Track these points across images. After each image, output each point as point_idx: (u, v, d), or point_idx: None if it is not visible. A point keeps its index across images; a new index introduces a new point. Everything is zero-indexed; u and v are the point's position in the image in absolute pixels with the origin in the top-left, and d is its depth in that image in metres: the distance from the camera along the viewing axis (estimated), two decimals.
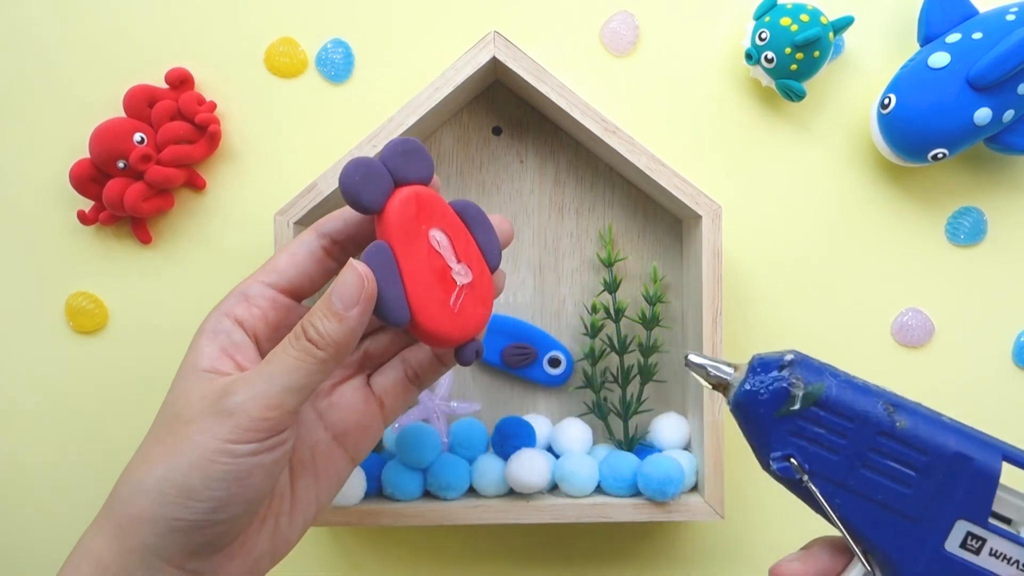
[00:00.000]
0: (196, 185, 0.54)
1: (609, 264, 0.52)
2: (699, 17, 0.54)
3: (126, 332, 0.55)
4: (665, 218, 0.53)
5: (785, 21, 0.50)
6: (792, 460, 0.30)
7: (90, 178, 0.52)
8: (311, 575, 0.56)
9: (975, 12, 0.51)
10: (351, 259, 0.34)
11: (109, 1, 0.54)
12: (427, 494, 0.50)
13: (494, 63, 0.47)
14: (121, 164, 0.52)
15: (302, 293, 0.38)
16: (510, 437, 0.51)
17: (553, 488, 0.50)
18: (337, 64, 0.54)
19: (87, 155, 0.52)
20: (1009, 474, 0.30)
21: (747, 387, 0.31)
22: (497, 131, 0.54)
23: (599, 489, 0.50)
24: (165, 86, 0.53)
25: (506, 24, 0.54)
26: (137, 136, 0.52)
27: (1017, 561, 0.29)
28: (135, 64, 0.54)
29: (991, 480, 0.29)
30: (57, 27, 0.54)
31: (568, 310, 0.54)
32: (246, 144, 0.55)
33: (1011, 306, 0.55)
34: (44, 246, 0.55)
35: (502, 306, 0.54)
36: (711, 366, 0.32)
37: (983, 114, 0.48)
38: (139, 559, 0.33)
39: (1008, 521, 0.30)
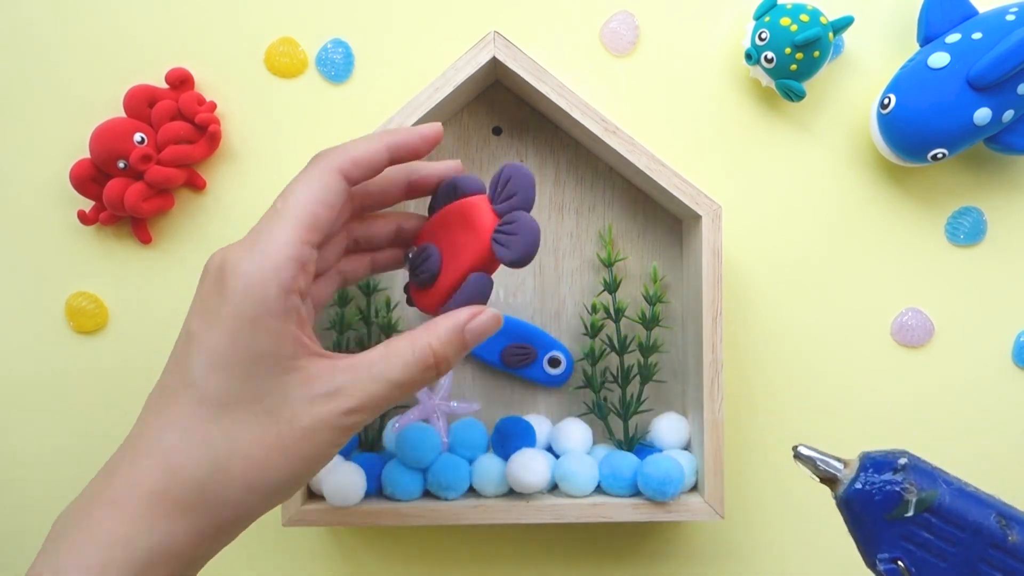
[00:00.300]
0: (196, 185, 0.54)
1: (609, 264, 0.52)
2: (699, 17, 0.54)
3: (126, 332, 0.55)
4: (665, 218, 0.53)
5: (785, 21, 0.50)
6: (900, 563, 0.31)
7: (90, 178, 0.52)
8: (311, 575, 0.56)
9: (975, 12, 0.51)
10: (489, 308, 0.37)
11: (109, 1, 0.54)
12: (427, 494, 0.50)
13: (494, 63, 0.47)
14: (121, 164, 0.52)
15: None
16: (510, 437, 0.51)
17: (553, 488, 0.50)
18: (337, 64, 0.54)
19: (87, 155, 0.53)
20: None
21: (858, 486, 0.31)
22: (497, 131, 0.54)
23: (599, 489, 0.50)
24: (165, 86, 0.53)
25: (506, 24, 0.54)
26: (137, 136, 0.52)
27: None
28: (135, 64, 0.54)
29: None
30: (57, 27, 0.54)
31: (568, 310, 0.54)
32: (246, 144, 0.55)
33: (1011, 306, 0.55)
34: (44, 246, 0.55)
35: (502, 306, 0.54)
36: (820, 460, 0.33)
37: (983, 114, 0.48)
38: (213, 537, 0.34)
39: None
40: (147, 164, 0.52)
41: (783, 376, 0.55)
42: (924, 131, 0.49)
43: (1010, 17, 0.49)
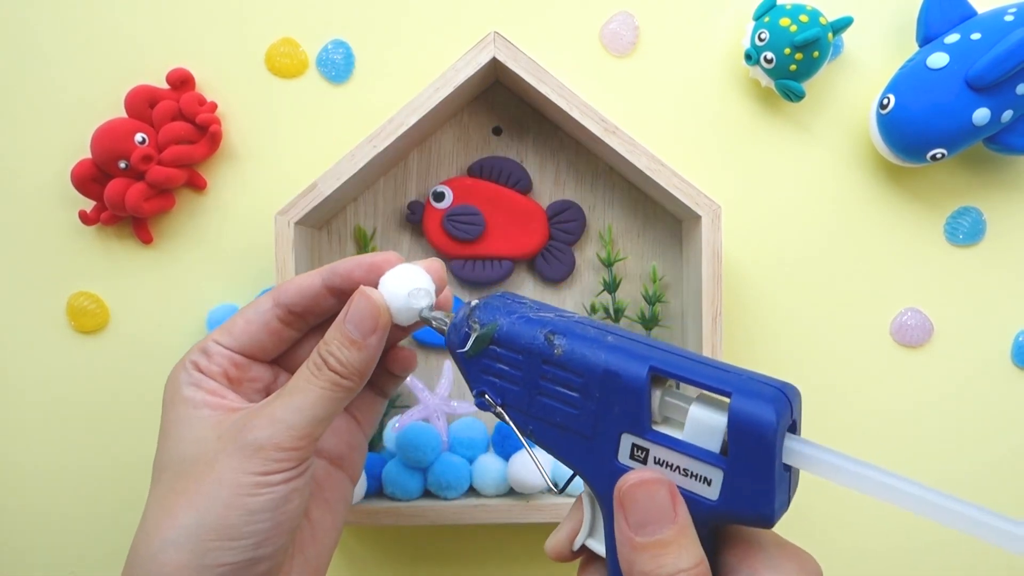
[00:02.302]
0: (197, 185, 0.54)
1: (609, 264, 0.52)
2: (699, 18, 0.54)
3: (127, 332, 0.55)
4: (665, 218, 0.54)
5: (784, 22, 0.50)
6: (486, 396, 0.33)
7: (91, 178, 0.52)
8: None
9: (974, 13, 0.51)
10: (363, 287, 0.35)
11: (110, 1, 0.54)
12: (427, 494, 0.50)
13: (494, 63, 0.47)
14: (122, 164, 0.52)
15: (256, 358, 0.38)
16: (510, 437, 0.51)
17: None
18: (337, 64, 0.54)
19: (88, 155, 0.53)
20: None
21: (449, 335, 0.34)
22: (497, 131, 0.54)
23: None
24: (166, 86, 0.53)
25: (506, 24, 0.54)
26: (138, 136, 0.52)
27: (679, 467, 0.29)
28: (136, 64, 0.54)
29: (639, 393, 0.30)
30: (58, 27, 0.54)
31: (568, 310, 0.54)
32: (247, 144, 0.55)
33: (1010, 306, 0.55)
34: (45, 246, 0.55)
35: None
36: (434, 318, 0.35)
37: (982, 114, 0.48)
38: None
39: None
40: (148, 164, 0.52)
41: (783, 376, 0.55)
42: (923, 131, 0.49)
43: (1009, 18, 0.49)
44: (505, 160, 0.53)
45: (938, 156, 0.50)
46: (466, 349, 0.33)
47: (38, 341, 0.55)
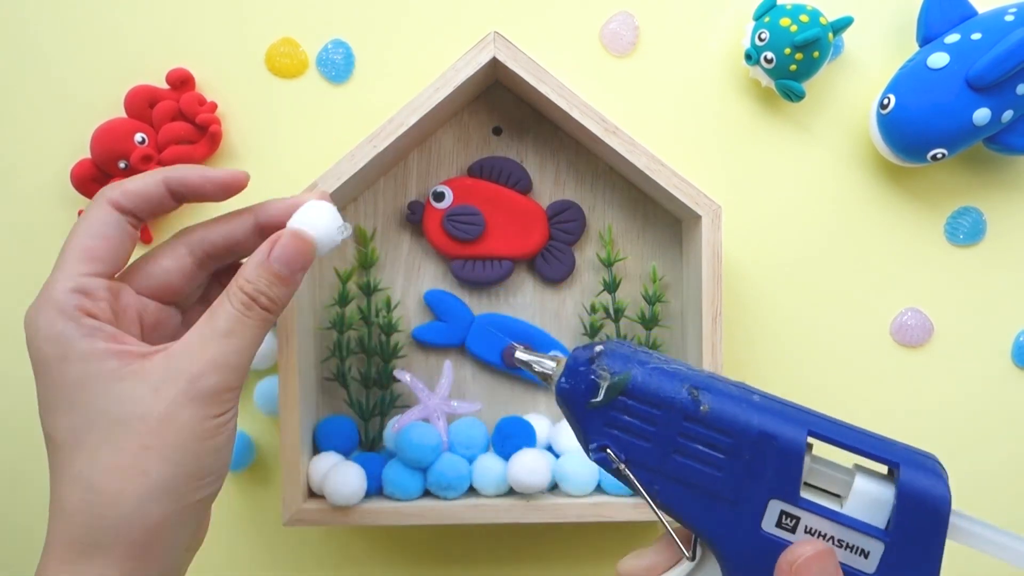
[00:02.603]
0: None
1: (609, 264, 0.52)
2: (699, 18, 0.54)
3: None
4: (665, 218, 0.53)
5: (784, 22, 0.50)
6: (608, 451, 0.31)
7: (91, 178, 0.52)
8: (311, 575, 0.56)
9: (974, 12, 0.51)
10: (294, 227, 0.37)
11: (110, 1, 0.54)
12: (427, 494, 0.50)
13: (494, 63, 0.47)
14: (122, 164, 0.52)
15: (166, 301, 0.39)
16: (510, 437, 0.51)
17: (553, 488, 0.50)
18: (337, 64, 0.54)
19: (88, 155, 0.53)
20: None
21: (563, 381, 0.31)
22: (497, 131, 0.54)
23: (599, 489, 0.50)
24: (166, 86, 0.53)
25: (506, 24, 0.54)
26: (138, 136, 0.52)
27: (832, 537, 0.28)
28: (136, 64, 0.54)
29: (796, 457, 0.29)
30: (58, 27, 0.54)
31: (568, 310, 0.54)
32: (247, 144, 0.55)
33: (1010, 306, 0.55)
34: (45, 246, 0.55)
35: (503, 306, 0.54)
36: (535, 362, 0.33)
37: (982, 114, 0.48)
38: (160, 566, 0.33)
39: (838, 496, 0.30)
40: (148, 164, 0.52)
41: (782, 376, 0.55)
42: (923, 131, 0.49)
43: (1009, 17, 0.49)
44: (505, 160, 0.53)
45: (938, 156, 0.50)
46: (598, 399, 0.30)
47: None
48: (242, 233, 0.39)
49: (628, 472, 0.30)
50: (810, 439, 0.29)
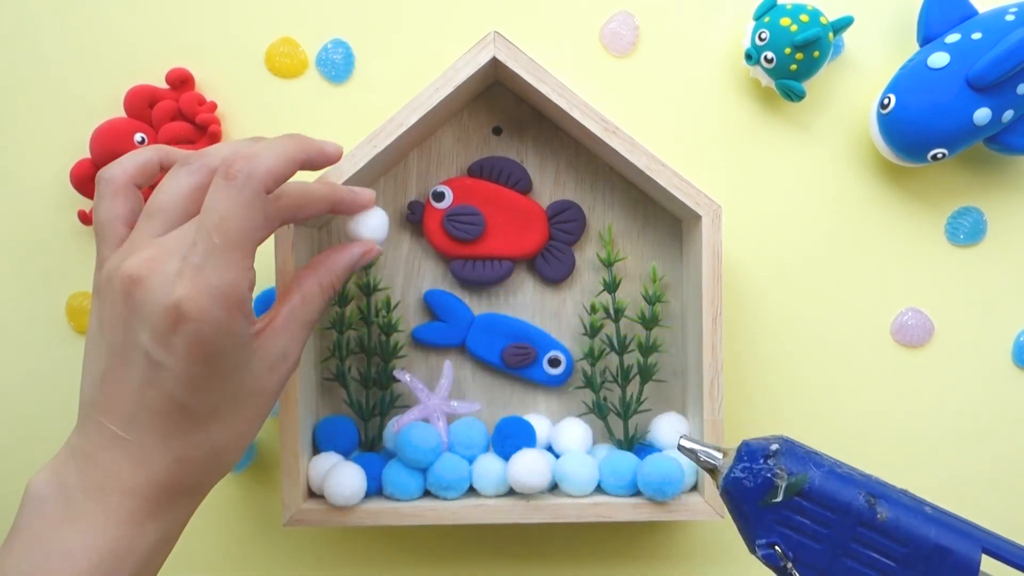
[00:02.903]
0: None
1: (609, 264, 0.52)
2: (699, 17, 0.54)
3: None
4: (665, 218, 0.53)
5: (785, 21, 0.50)
6: (777, 548, 0.31)
7: (91, 178, 0.52)
8: (312, 575, 0.56)
9: (974, 12, 0.51)
10: (372, 237, 0.45)
11: (110, 1, 0.54)
12: (427, 494, 0.50)
13: (494, 63, 0.47)
14: None
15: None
16: (510, 437, 0.51)
17: (553, 488, 0.50)
18: (337, 64, 0.54)
19: (88, 155, 0.53)
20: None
21: (734, 475, 0.32)
22: (497, 131, 0.54)
23: (599, 489, 0.50)
24: (166, 86, 0.53)
25: (506, 24, 0.54)
26: (138, 136, 0.52)
27: None
28: (135, 64, 0.54)
29: (970, 573, 0.29)
30: (57, 27, 0.54)
31: (568, 310, 0.54)
32: None
33: (1011, 306, 0.55)
34: (45, 246, 0.55)
35: (503, 306, 0.54)
36: (701, 451, 0.33)
37: (983, 114, 0.48)
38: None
39: None
40: None
41: (783, 376, 0.55)
42: (924, 131, 0.49)
43: (1010, 17, 0.49)
44: (505, 160, 0.53)
45: (939, 156, 0.50)
46: (777, 499, 0.31)
47: (37, 341, 0.55)
48: (318, 204, 0.42)
49: (795, 571, 0.31)
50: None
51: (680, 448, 0.34)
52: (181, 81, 0.53)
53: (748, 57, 0.51)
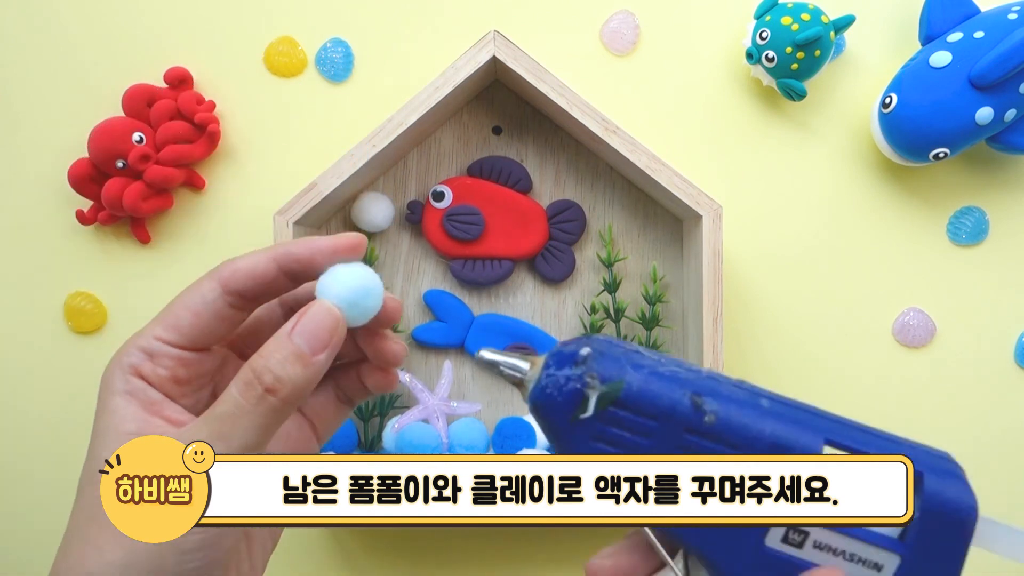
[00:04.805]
0: (195, 185, 0.54)
1: (609, 264, 0.52)
2: (699, 17, 0.54)
3: (125, 332, 0.54)
4: (665, 218, 0.53)
5: (786, 20, 0.50)
6: None
7: (89, 178, 0.52)
8: (311, 575, 0.56)
9: (977, 11, 0.51)
10: (320, 298, 0.31)
11: (108, 1, 0.54)
12: None
13: (494, 62, 0.47)
14: (120, 164, 0.51)
15: (206, 349, 0.34)
16: (510, 437, 0.51)
17: None
18: (337, 64, 0.54)
19: (86, 155, 0.52)
20: None
21: (540, 387, 0.27)
22: (497, 131, 0.53)
23: None
24: (164, 85, 0.53)
25: (506, 24, 0.53)
26: (136, 135, 0.52)
27: (844, 552, 0.26)
28: (134, 63, 0.54)
29: None
30: (56, 27, 0.54)
31: (568, 310, 0.54)
32: (245, 144, 0.54)
33: (1013, 306, 0.55)
34: (43, 246, 0.55)
35: (503, 306, 0.54)
36: (503, 363, 0.28)
37: (985, 113, 0.48)
38: None
39: None
40: (146, 164, 0.51)
41: (784, 376, 0.55)
42: (926, 130, 0.49)
43: (1012, 16, 0.49)
44: (505, 160, 0.52)
45: (941, 155, 0.50)
46: (587, 413, 0.26)
47: (35, 341, 0.55)
48: (264, 275, 0.34)
49: None
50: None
51: (480, 361, 0.29)
52: (180, 80, 0.53)
53: (749, 56, 0.51)
